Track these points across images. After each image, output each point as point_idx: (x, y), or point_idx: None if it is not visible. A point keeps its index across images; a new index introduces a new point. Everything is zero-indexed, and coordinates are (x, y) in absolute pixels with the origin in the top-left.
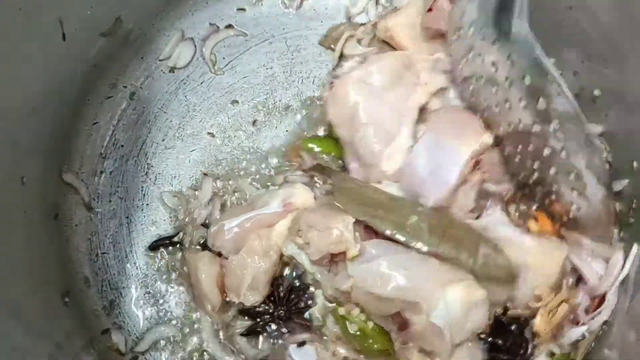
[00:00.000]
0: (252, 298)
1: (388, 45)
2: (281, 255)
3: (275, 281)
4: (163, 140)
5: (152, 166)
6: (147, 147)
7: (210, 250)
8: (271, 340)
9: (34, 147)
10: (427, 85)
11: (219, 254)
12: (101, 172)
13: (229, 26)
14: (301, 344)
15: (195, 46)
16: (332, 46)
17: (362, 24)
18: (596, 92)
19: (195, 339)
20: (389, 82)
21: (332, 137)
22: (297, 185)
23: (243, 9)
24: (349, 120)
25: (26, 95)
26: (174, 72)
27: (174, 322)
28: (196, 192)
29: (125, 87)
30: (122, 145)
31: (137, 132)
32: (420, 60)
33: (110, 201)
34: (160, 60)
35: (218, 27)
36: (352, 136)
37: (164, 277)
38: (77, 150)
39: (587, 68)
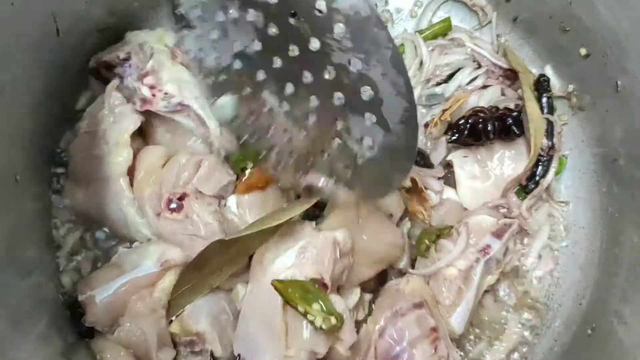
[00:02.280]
0: (166, 356)
1: None
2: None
3: None
4: None
5: None
6: None
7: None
8: None
9: (27, 144)
10: (117, 146)
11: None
12: None
13: None
14: None
15: None
16: None
17: None
18: (597, 88)
19: None
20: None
21: None
22: (163, 243)
23: None
24: None
25: (20, 92)
26: None
27: None
28: None
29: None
30: None
31: None
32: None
33: None
34: None
35: None
36: None
37: None
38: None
39: (588, 63)
